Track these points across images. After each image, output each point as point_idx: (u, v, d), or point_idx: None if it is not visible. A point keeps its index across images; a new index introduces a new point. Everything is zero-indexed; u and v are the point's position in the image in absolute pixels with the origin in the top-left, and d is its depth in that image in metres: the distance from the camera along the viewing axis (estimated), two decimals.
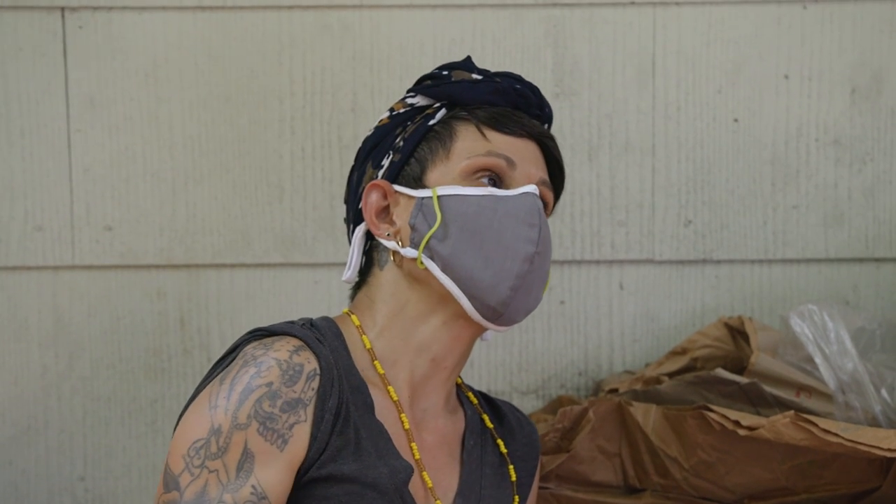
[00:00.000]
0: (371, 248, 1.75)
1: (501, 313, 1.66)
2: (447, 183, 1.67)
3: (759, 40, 2.35)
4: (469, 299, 1.65)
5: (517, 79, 1.76)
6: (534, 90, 1.77)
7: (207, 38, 2.28)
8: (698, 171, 2.36)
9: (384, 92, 2.31)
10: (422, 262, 1.65)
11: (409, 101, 1.75)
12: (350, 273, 1.76)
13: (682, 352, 2.26)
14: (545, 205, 1.74)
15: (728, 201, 2.36)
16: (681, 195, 2.36)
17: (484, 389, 2.33)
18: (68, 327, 2.28)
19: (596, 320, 2.37)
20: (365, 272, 1.76)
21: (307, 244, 2.30)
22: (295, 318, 2.27)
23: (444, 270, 1.65)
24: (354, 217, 1.76)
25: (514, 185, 1.68)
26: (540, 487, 2.02)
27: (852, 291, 2.40)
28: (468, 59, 1.79)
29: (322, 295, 2.32)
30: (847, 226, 2.39)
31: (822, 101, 2.37)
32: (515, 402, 2.35)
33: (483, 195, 1.65)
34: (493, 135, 1.69)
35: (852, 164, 2.38)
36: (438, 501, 1.68)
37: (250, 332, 1.64)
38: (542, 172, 1.73)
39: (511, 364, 2.37)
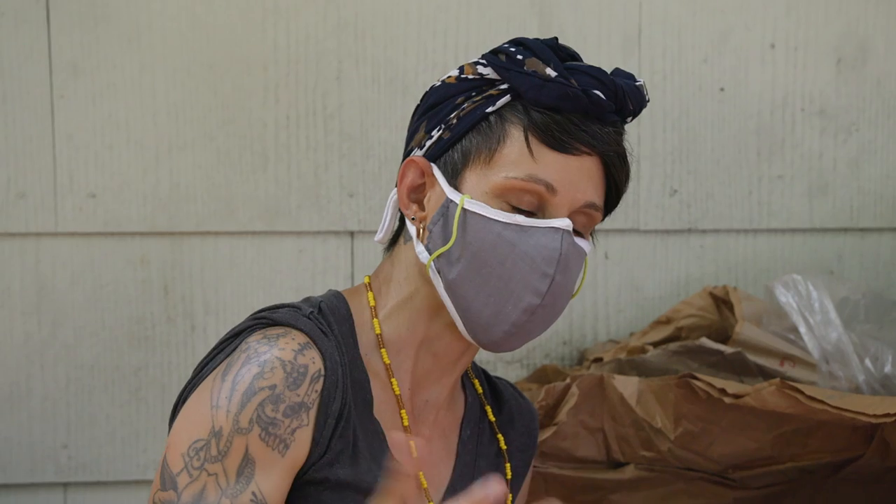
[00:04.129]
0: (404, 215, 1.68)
1: (492, 349, 1.62)
2: (478, 195, 1.57)
3: (746, 9, 2.35)
4: (465, 326, 1.60)
5: (598, 80, 1.59)
6: (616, 93, 1.59)
7: (191, 5, 2.26)
8: (684, 140, 2.36)
9: (368, 60, 2.30)
10: (429, 271, 1.60)
11: (481, 69, 1.62)
12: (381, 235, 1.70)
13: (666, 321, 2.26)
14: (589, 224, 1.65)
15: (713, 171, 2.37)
16: (666, 165, 2.36)
17: None
18: (51, 295, 2.27)
19: (581, 290, 2.36)
20: (396, 236, 1.70)
21: (291, 213, 2.30)
22: (279, 287, 2.29)
23: (446, 290, 1.59)
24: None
25: (551, 211, 1.58)
26: None
27: (836, 261, 2.41)
28: (553, 41, 1.65)
29: (306, 264, 2.31)
30: (832, 196, 2.39)
31: (807, 71, 2.37)
32: (500, 372, 2.35)
33: (507, 224, 1.56)
34: (541, 152, 1.57)
35: (837, 134, 2.38)
36: (431, 502, 1.66)
37: (254, 318, 1.59)
38: (591, 194, 1.60)
39: None
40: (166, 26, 2.26)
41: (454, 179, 1.60)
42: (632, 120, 1.66)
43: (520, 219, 1.56)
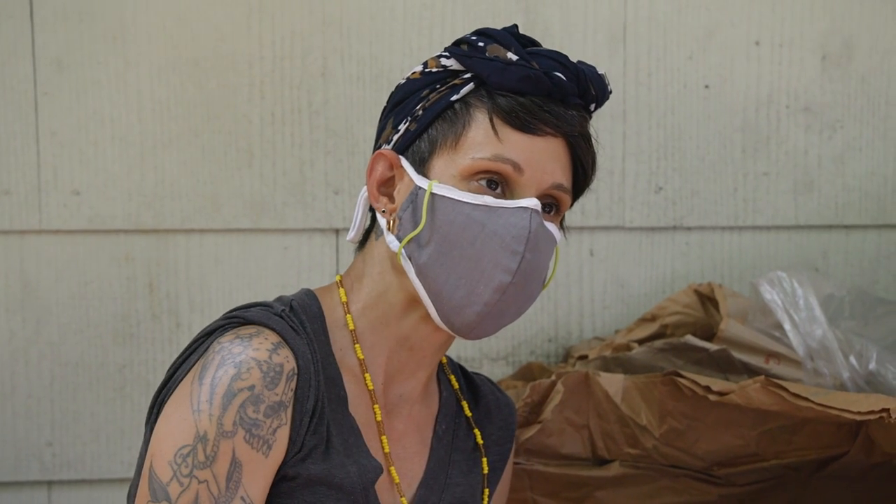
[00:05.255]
0: (375, 210, 1.69)
1: (466, 333, 1.62)
2: (446, 179, 1.59)
3: (731, 6, 2.35)
4: (437, 311, 1.61)
5: (559, 62, 1.62)
6: (577, 76, 1.62)
7: (176, 1, 2.25)
8: (669, 137, 2.36)
9: (354, 57, 2.29)
10: (400, 259, 1.61)
11: (444, 62, 1.65)
12: (353, 234, 1.71)
13: (651, 318, 2.26)
14: (558, 207, 1.66)
15: (698, 168, 2.37)
16: (651, 162, 2.36)
17: (454, 356, 2.33)
18: (35, 292, 2.26)
19: (566, 287, 2.37)
20: (367, 233, 1.72)
21: (276, 210, 2.29)
22: (264, 284, 2.28)
23: (417, 276, 1.60)
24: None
25: (519, 192, 1.59)
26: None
27: (821, 258, 2.41)
28: (513, 28, 1.68)
29: (291, 261, 2.31)
30: (817, 193, 2.39)
31: (792, 68, 2.37)
32: (485, 369, 2.35)
33: (476, 205, 1.57)
34: (507, 133, 1.59)
35: (822, 131, 2.38)
36: (403, 499, 1.67)
37: (226, 317, 1.60)
38: (558, 175, 1.62)
39: None
40: (151, 23, 2.25)
41: (422, 167, 1.62)
42: (596, 108, 1.68)
43: (488, 199, 1.58)
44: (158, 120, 2.26)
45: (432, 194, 1.59)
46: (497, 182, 1.59)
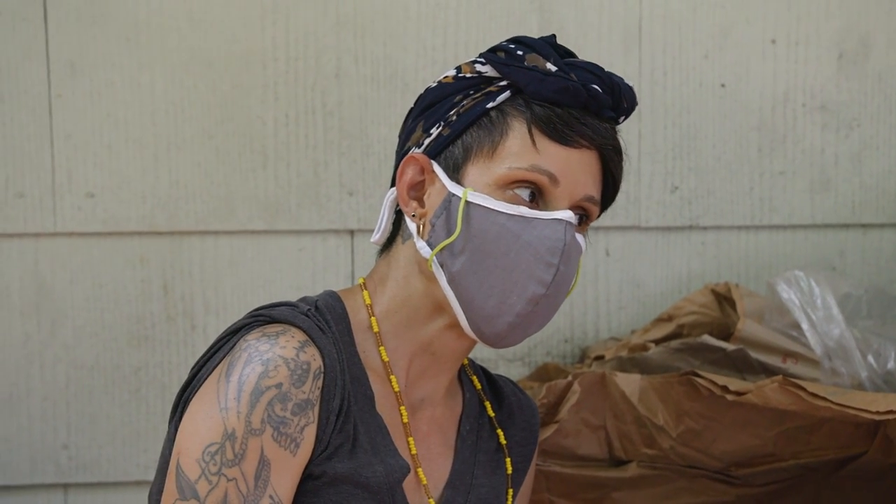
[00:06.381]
0: (400, 213, 1.69)
1: (494, 343, 1.62)
2: (481, 188, 1.58)
3: (746, 4, 2.34)
4: (467, 320, 1.60)
5: (596, 75, 1.62)
6: (612, 89, 1.63)
7: (189, 2, 2.25)
8: (685, 136, 2.35)
9: (368, 57, 2.29)
10: (431, 266, 1.61)
11: (479, 67, 1.64)
12: (378, 236, 1.70)
13: (668, 318, 2.26)
14: (587, 217, 1.66)
15: (714, 167, 2.36)
16: (667, 161, 2.35)
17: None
18: (50, 295, 2.27)
19: (582, 287, 2.36)
20: (392, 237, 1.70)
21: (291, 211, 2.29)
22: (279, 286, 2.28)
23: (449, 283, 1.60)
24: (395, 174, 1.69)
25: (553, 202, 1.59)
26: None
27: (839, 257, 2.40)
28: (552, 38, 1.67)
29: (306, 262, 2.30)
30: (833, 191, 2.38)
31: (809, 66, 2.36)
32: (502, 370, 2.34)
33: (511, 215, 1.57)
34: (544, 143, 1.59)
35: (839, 129, 2.37)
36: (431, 500, 1.66)
37: (252, 315, 1.60)
38: (590, 187, 1.62)
39: None
40: (164, 24, 2.25)
41: (455, 174, 1.62)
42: (624, 120, 1.68)
43: (524, 210, 1.58)
44: (172, 122, 2.26)
45: (467, 202, 1.58)
46: (531, 192, 1.59)
